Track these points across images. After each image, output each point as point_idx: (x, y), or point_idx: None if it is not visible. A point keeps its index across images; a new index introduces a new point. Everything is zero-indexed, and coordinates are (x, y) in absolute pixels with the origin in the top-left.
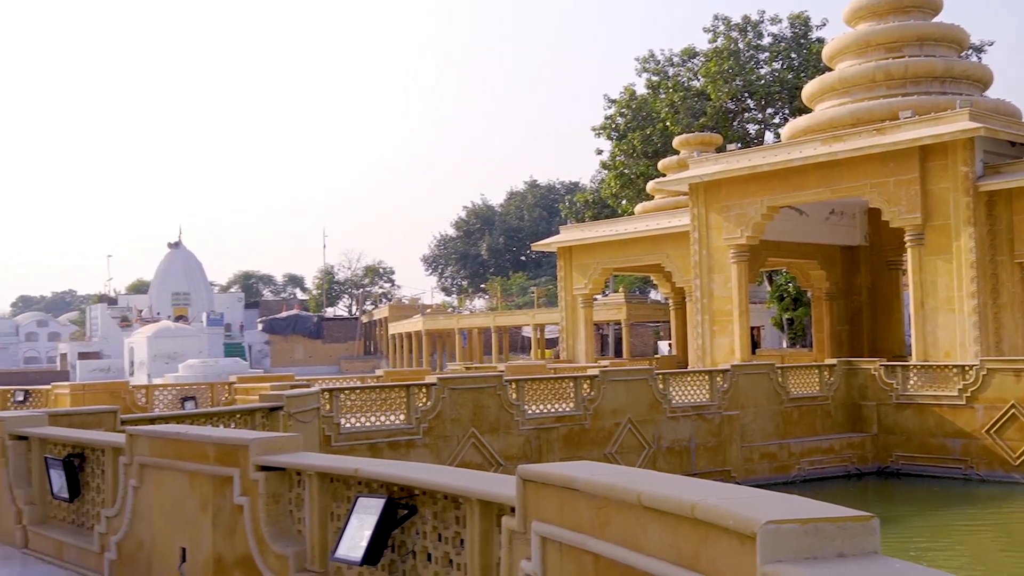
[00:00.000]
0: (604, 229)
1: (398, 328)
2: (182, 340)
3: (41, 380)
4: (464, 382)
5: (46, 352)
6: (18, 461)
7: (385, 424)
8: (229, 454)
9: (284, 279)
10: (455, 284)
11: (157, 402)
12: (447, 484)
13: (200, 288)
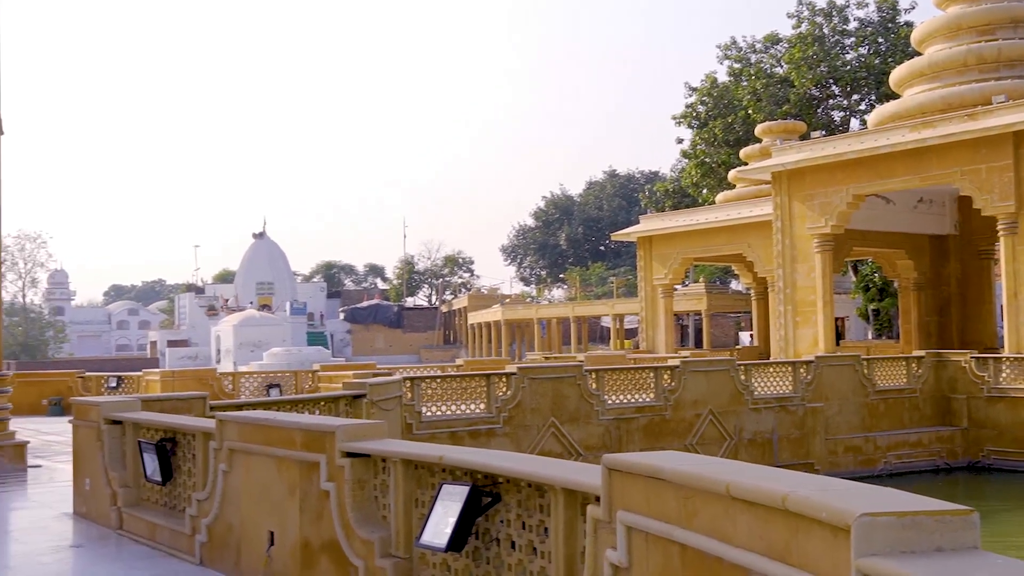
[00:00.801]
0: (685, 218)
1: (477, 318)
2: (267, 329)
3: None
4: (544, 372)
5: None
6: (113, 445)
7: (466, 413)
8: (316, 440)
9: (365, 269)
10: (534, 274)
11: (243, 389)
12: (531, 472)
13: (284, 278)
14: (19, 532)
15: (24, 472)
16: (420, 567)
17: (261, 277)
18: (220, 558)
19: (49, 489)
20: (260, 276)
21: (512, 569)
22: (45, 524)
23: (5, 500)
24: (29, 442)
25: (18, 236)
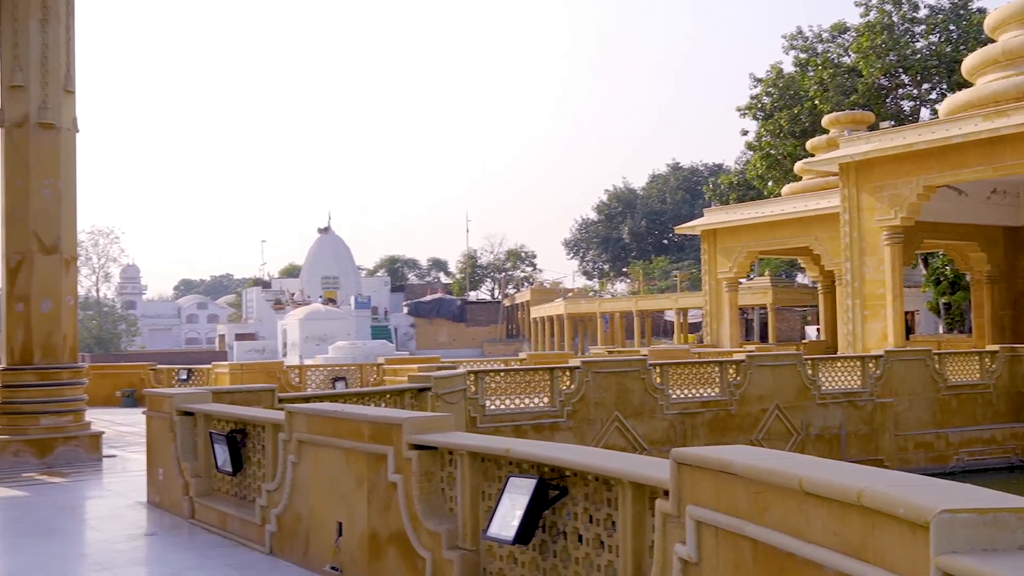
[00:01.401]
0: (750, 211)
1: (540, 312)
2: (332, 322)
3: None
4: (608, 366)
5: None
6: (185, 436)
7: (529, 406)
8: (383, 432)
9: (428, 263)
10: (596, 268)
11: (309, 381)
12: (599, 466)
13: (348, 272)
14: (96, 520)
15: (100, 462)
16: (487, 559)
17: (326, 271)
18: (289, 548)
19: (123, 479)
20: (325, 270)
21: (579, 562)
22: (120, 513)
23: (82, 489)
24: (104, 432)
25: (92, 232)
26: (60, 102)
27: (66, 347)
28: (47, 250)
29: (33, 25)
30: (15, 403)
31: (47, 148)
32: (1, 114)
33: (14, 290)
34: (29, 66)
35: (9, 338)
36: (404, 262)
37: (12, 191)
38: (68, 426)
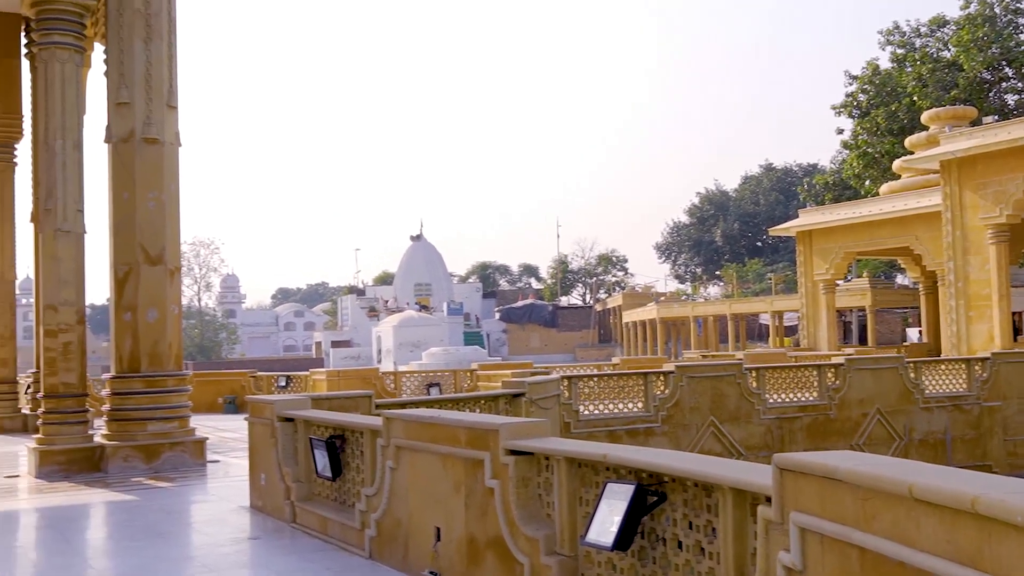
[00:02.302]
0: (846, 211)
1: (632, 316)
2: (425, 329)
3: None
4: (702, 370)
5: (302, 340)
6: (286, 441)
7: (623, 412)
8: (480, 438)
9: (520, 269)
10: (689, 271)
11: (404, 387)
12: (698, 471)
13: (441, 279)
14: (201, 524)
15: (204, 467)
16: (585, 565)
17: (419, 278)
18: (389, 552)
19: (226, 483)
20: (418, 277)
21: (679, 569)
22: (224, 517)
23: (187, 493)
24: (208, 438)
25: (193, 243)
26: (163, 117)
27: (171, 355)
28: (152, 261)
29: (137, 44)
30: (124, 410)
31: (151, 162)
32: (108, 130)
33: (122, 300)
34: (134, 83)
35: (117, 347)
36: (496, 268)
37: (119, 204)
38: (174, 432)
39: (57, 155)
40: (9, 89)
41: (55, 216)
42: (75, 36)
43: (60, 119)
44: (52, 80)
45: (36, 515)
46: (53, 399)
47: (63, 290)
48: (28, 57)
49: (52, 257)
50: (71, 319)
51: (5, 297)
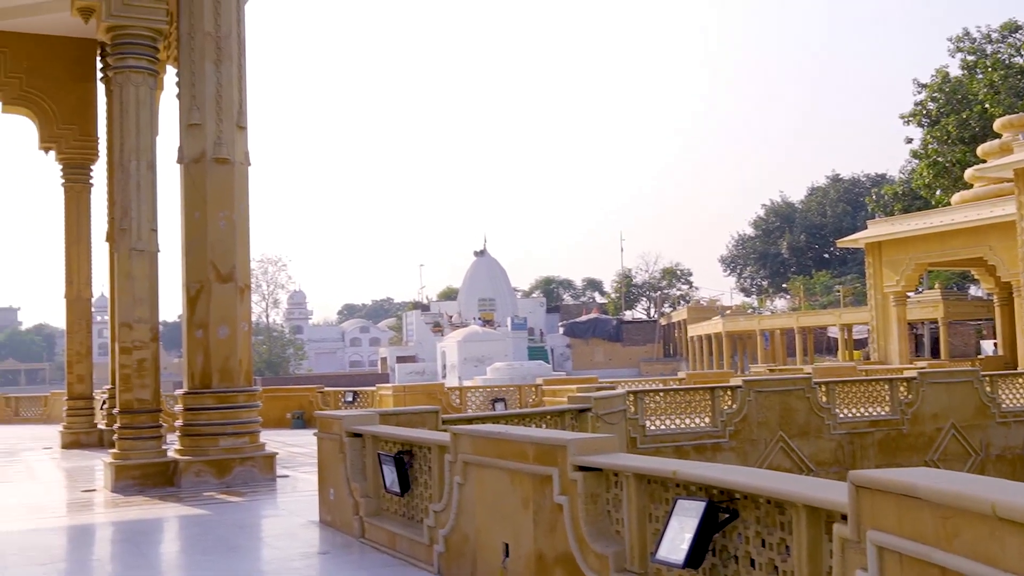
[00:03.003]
0: (917, 222)
1: (697, 330)
2: (489, 344)
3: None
4: (770, 384)
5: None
6: (354, 457)
7: (690, 427)
8: (548, 454)
9: (583, 283)
10: (755, 284)
11: (469, 403)
12: (771, 488)
13: (504, 294)
14: (271, 538)
15: (273, 482)
16: None
17: (483, 294)
18: (457, 568)
19: (295, 498)
20: (482, 293)
21: None
22: (294, 531)
23: (258, 508)
24: (277, 453)
25: (261, 260)
26: (233, 138)
27: (242, 371)
28: (223, 279)
29: (208, 66)
30: (196, 425)
31: (222, 182)
32: (180, 151)
33: (194, 317)
34: (205, 105)
35: (189, 363)
36: (559, 283)
37: (191, 223)
38: (244, 447)
39: (132, 176)
40: (85, 113)
41: (130, 236)
42: (148, 60)
43: (134, 141)
44: (127, 103)
45: (112, 529)
46: (128, 415)
47: (137, 308)
48: (103, 81)
49: (127, 276)
50: (145, 336)
51: (82, 315)
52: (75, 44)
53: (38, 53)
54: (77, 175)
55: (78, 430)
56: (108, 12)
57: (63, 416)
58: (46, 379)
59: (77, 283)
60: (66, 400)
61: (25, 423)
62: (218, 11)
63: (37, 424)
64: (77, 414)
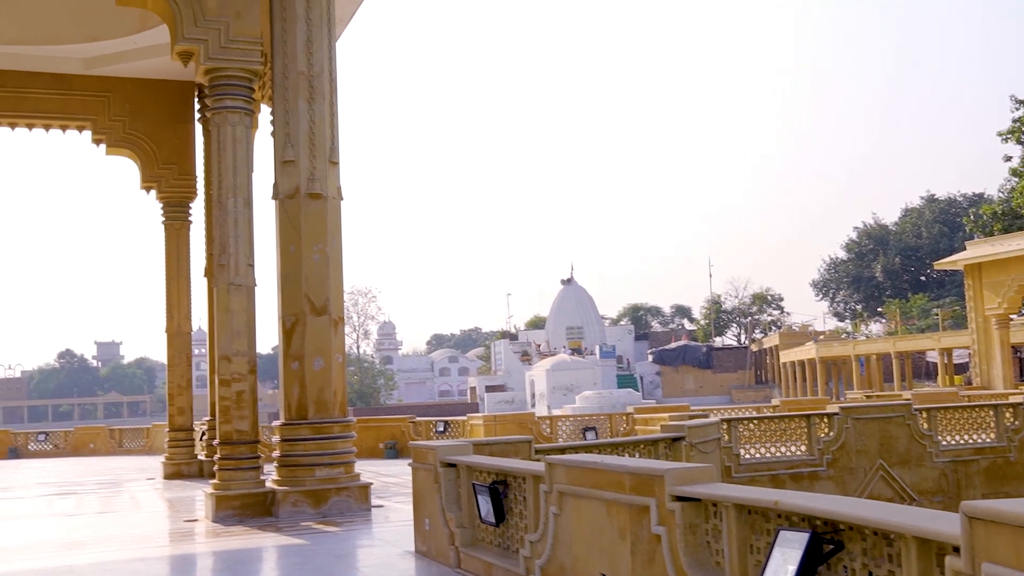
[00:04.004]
0: (1019, 242)
1: (789, 356)
2: (578, 372)
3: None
4: (868, 411)
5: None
6: (449, 487)
7: (786, 455)
8: (645, 484)
9: (671, 310)
10: (848, 309)
11: (560, 431)
12: (877, 519)
13: (592, 322)
14: (369, 568)
15: (368, 512)
16: None
17: (570, 322)
18: None
19: (391, 528)
20: (569, 321)
21: None
22: (391, 561)
23: (354, 538)
24: (372, 483)
25: (352, 292)
26: (326, 173)
27: (336, 402)
28: (318, 311)
29: (301, 104)
30: (293, 456)
31: (316, 216)
32: (275, 187)
33: (289, 350)
34: (299, 142)
35: (286, 394)
36: (647, 310)
37: (286, 257)
38: (340, 477)
39: (229, 213)
40: (184, 153)
41: (228, 271)
42: (244, 100)
43: (232, 178)
44: (224, 142)
45: (214, 558)
46: (228, 446)
47: (236, 341)
48: (201, 121)
49: (226, 310)
50: (243, 369)
51: (182, 349)
52: (174, 87)
53: (139, 97)
54: (176, 213)
55: (179, 461)
56: (207, 55)
57: (165, 447)
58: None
59: (177, 318)
60: (167, 432)
61: (129, 454)
62: (310, 51)
63: (140, 455)
64: (178, 445)
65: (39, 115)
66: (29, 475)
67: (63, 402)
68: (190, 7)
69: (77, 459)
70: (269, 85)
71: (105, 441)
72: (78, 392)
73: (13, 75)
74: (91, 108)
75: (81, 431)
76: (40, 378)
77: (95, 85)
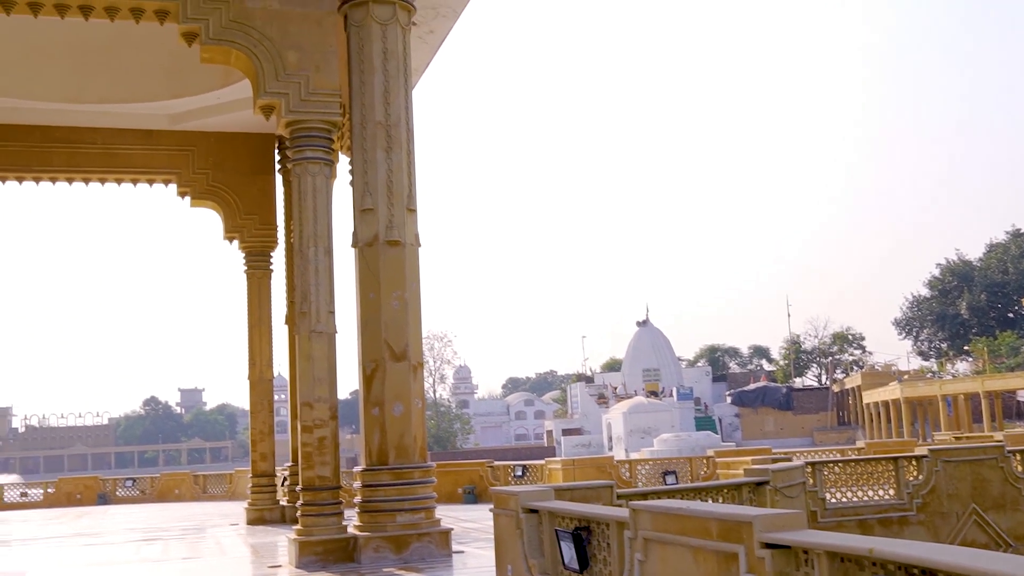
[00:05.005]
0: None
1: (873, 397)
2: (655, 415)
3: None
4: (959, 453)
5: (533, 429)
6: (531, 533)
7: (873, 499)
8: (732, 530)
9: (749, 351)
10: (933, 347)
11: (639, 475)
12: (979, 569)
13: (668, 364)
14: None
15: (449, 557)
16: None
17: (647, 364)
18: None
19: (472, 574)
20: (646, 363)
21: None
22: None
23: None
24: (452, 529)
25: (428, 336)
26: (404, 220)
27: (416, 447)
28: (397, 357)
29: (380, 154)
30: (374, 501)
31: (394, 263)
32: (354, 235)
33: (370, 395)
34: (377, 190)
35: (367, 440)
36: (724, 351)
37: (366, 304)
38: (421, 523)
39: (310, 261)
40: (265, 203)
41: (310, 318)
42: (324, 151)
43: (312, 227)
44: (304, 192)
45: None
46: (310, 492)
47: (317, 388)
48: (281, 172)
49: (307, 357)
50: (325, 415)
51: (264, 395)
52: (255, 139)
53: (222, 149)
54: (258, 261)
55: (262, 507)
56: (288, 109)
57: (247, 493)
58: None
59: (259, 365)
60: (250, 477)
61: (212, 500)
62: (388, 101)
63: (223, 501)
64: (261, 491)
65: (128, 170)
66: (117, 521)
67: (148, 448)
68: (271, 62)
69: (163, 505)
70: (347, 135)
71: (189, 487)
72: (163, 438)
73: (104, 132)
74: (176, 162)
75: (166, 477)
76: (126, 425)
77: (180, 140)
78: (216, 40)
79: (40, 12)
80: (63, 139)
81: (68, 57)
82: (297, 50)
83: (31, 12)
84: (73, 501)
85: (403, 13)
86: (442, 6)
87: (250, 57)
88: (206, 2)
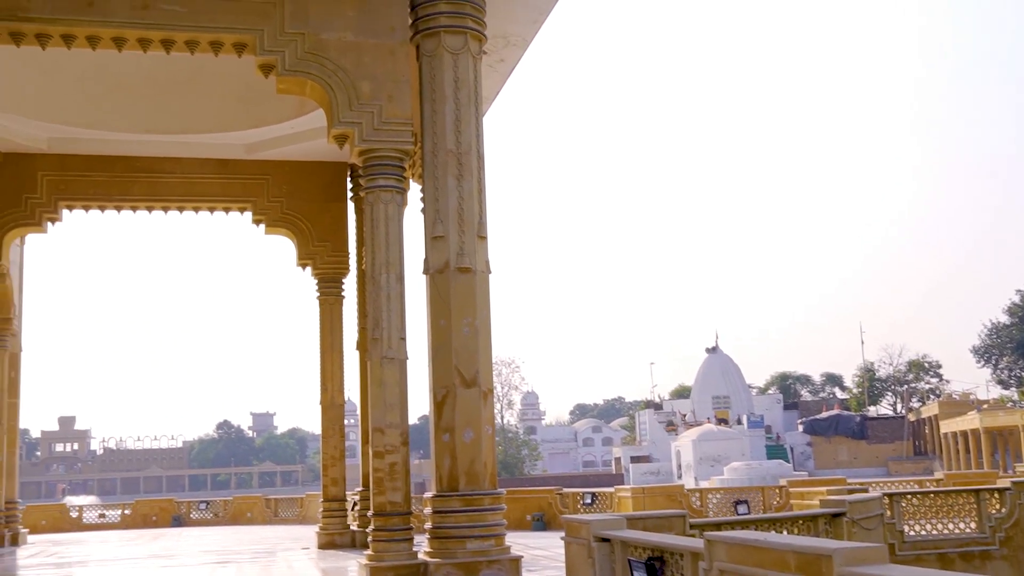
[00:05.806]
0: None
1: (950, 426)
2: (725, 443)
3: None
4: None
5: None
6: (603, 562)
7: (953, 532)
8: (811, 564)
9: (822, 379)
10: (1013, 376)
11: (710, 505)
12: None
13: (738, 391)
14: None
15: None
16: None
17: (716, 391)
18: None
19: None
20: (715, 390)
21: None
22: None
23: None
24: (522, 556)
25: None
26: (474, 247)
27: (487, 474)
28: (467, 383)
29: (450, 181)
30: (444, 528)
31: (465, 290)
32: (426, 263)
33: (440, 422)
34: (448, 218)
35: (437, 466)
36: (796, 378)
37: (437, 331)
38: (491, 550)
39: (382, 288)
40: (337, 230)
41: (381, 344)
42: (396, 179)
43: (384, 255)
44: (377, 220)
45: None
46: (381, 517)
47: (389, 414)
48: (353, 200)
49: (379, 383)
50: (396, 441)
51: (335, 420)
52: (327, 168)
53: (296, 178)
54: (330, 288)
55: (333, 531)
56: (361, 138)
57: (318, 517)
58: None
59: (331, 390)
60: (321, 502)
61: (283, 523)
62: (459, 129)
63: (294, 524)
64: (332, 515)
65: (205, 199)
66: (192, 543)
67: (221, 471)
68: (345, 92)
69: (235, 527)
70: (419, 163)
71: (261, 510)
72: (235, 461)
73: (183, 162)
74: (251, 190)
75: (239, 500)
76: (200, 448)
77: (255, 169)
78: (292, 71)
79: (124, 47)
80: (144, 169)
81: (150, 90)
82: (370, 80)
83: (115, 47)
84: (149, 523)
85: (474, 43)
86: (513, 35)
87: (324, 88)
88: (283, 35)
